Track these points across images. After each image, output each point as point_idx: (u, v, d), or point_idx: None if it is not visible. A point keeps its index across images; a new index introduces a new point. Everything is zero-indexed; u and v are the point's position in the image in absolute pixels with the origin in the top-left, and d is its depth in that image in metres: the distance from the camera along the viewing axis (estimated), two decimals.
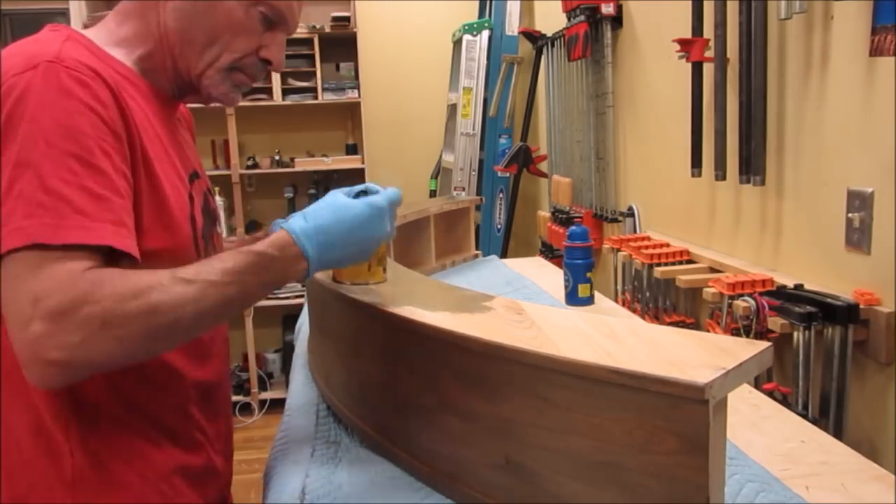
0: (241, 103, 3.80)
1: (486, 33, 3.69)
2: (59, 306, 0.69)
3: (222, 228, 1.08)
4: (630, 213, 2.49)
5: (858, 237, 1.35)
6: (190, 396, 0.95)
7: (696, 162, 1.90)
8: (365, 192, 1.04)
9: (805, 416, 1.32)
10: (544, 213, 3.28)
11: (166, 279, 0.74)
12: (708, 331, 1.64)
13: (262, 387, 3.95)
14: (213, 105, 0.99)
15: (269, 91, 3.81)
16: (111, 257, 0.76)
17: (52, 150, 0.74)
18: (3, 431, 0.86)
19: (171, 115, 0.98)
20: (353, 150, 4.08)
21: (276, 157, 3.99)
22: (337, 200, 0.88)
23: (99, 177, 0.76)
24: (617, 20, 2.51)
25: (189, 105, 1.07)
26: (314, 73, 3.83)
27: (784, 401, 1.35)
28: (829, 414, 1.34)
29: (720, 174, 1.75)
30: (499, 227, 3.74)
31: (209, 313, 0.77)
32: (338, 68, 4.04)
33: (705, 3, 1.83)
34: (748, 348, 0.66)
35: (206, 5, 0.90)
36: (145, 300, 0.72)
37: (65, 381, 0.73)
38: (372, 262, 1.01)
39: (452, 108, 3.90)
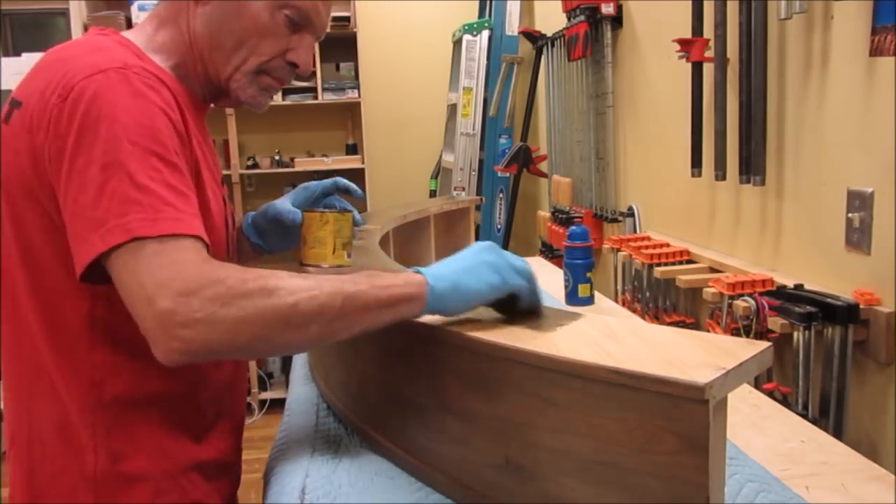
0: None
1: (486, 33, 3.69)
2: (186, 287, 0.71)
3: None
4: (630, 213, 2.49)
5: (858, 237, 1.35)
6: (208, 393, 0.97)
7: (696, 162, 1.90)
8: (334, 189, 1.11)
9: (805, 416, 1.32)
10: (544, 213, 3.28)
11: (283, 272, 0.76)
12: (708, 331, 1.64)
13: (262, 387, 3.95)
14: (245, 107, 1.00)
15: None
16: None
17: (135, 149, 0.76)
18: (29, 426, 0.89)
19: (204, 121, 1.01)
20: (353, 150, 4.08)
21: (276, 157, 3.99)
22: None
23: (177, 174, 0.79)
24: (617, 20, 2.51)
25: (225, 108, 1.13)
26: (314, 73, 3.83)
27: (784, 401, 1.35)
28: (829, 414, 1.34)
29: (720, 174, 1.75)
30: (499, 227, 3.74)
31: (326, 303, 0.74)
32: (338, 68, 4.05)
33: (705, 3, 1.83)
34: (748, 348, 0.66)
35: (233, 9, 0.92)
36: (263, 283, 0.73)
37: (189, 357, 0.73)
38: (336, 245, 1.03)
39: (452, 108, 3.90)
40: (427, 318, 0.84)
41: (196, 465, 0.94)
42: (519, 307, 0.83)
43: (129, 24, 3.43)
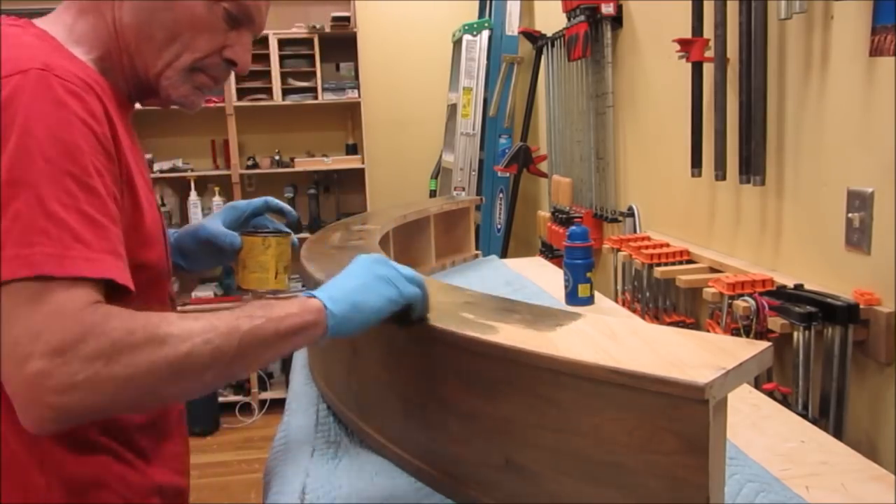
0: (241, 103, 3.82)
1: (486, 33, 3.69)
2: (63, 341, 0.62)
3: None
4: (630, 213, 2.49)
5: (858, 237, 1.35)
6: (155, 416, 0.90)
7: (696, 162, 1.90)
8: (265, 209, 1.07)
9: (805, 416, 1.32)
10: (544, 213, 3.28)
11: (173, 315, 0.69)
12: (708, 331, 1.64)
13: (262, 387, 3.95)
14: (173, 107, 0.91)
15: (269, 91, 3.81)
16: (106, 289, 0.70)
17: (50, 168, 0.67)
18: None
19: (130, 122, 0.91)
20: (353, 150, 4.08)
21: (276, 157, 3.99)
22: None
23: (95, 200, 0.70)
24: (617, 20, 2.51)
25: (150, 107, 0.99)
26: (314, 73, 3.84)
27: (784, 401, 1.35)
28: (829, 414, 1.34)
29: (720, 174, 1.75)
30: (499, 227, 3.74)
31: (222, 346, 0.69)
32: (338, 68, 4.05)
33: (705, 3, 1.83)
34: (748, 348, 0.66)
35: (164, 1, 0.83)
36: (153, 331, 0.66)
37: (64, 425, 0.65)
38: (279, 269, 1.01)
39: (452, 108, 3.90)
40: (427, 320, 0.85)
41: (156, 489, 0.87)
42: (413, 316, 0.83)
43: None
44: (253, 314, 0.72)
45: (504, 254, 3.63)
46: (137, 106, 0.94)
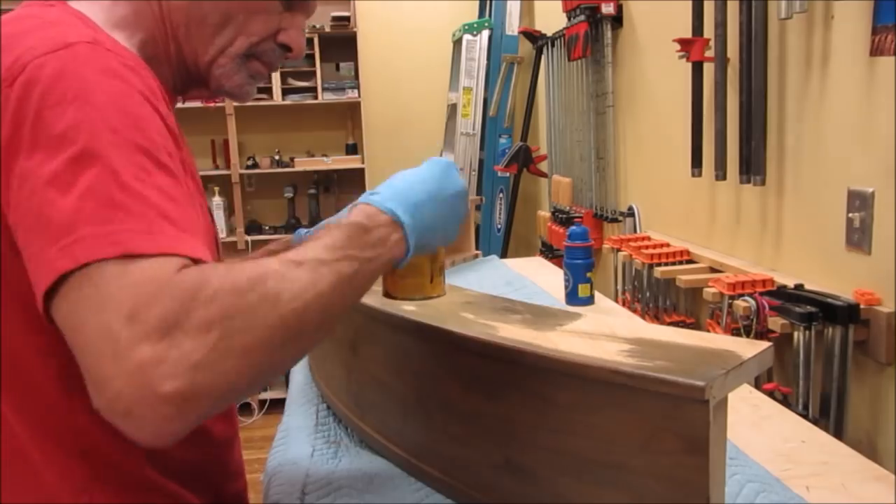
0: (241, 103, 3.82)
1: (486, 33, 3.69)
2: (165, 315, 0.52)
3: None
4: (630, 213, 2.49)
5: (859, 237, 1.35)
6: (218, 446, 0.83)
7: (697, 162, 1.90)
8: None
9: (805, 416, 1.32)
10: (544, 213, 3.28)
11: (276, 264, 0.59)
12: (708, 331, 1.64)
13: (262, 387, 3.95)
14: (225, 97, 0.84)
15: (269, 91, 3.81)
16: None
17: (118, 139, 0.58)
18: None
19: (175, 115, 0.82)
20: (353, 149, 4.08)
21: (276, 157, 3.99)
22: (403, 172, 0.76)
23: (169, 179, 0.61)
24: (617, 20, 2.51)
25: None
26: (314, 73, 3.84)
27: (784, 401, 1.35)
28: (829, 414, 1.34)
29: (720, 174, 1.75)
30: (499, 227, 3.74)
31: (330, 298, 0.60)
32: (338, 68, 4.05)
33: (705, 2, 1.82)
34: (748, 348, 0.66)
35: None
36: (263, 288, 0.56)
37: (189, 423, 0.53)
38: (434, 272, 0.85)
39: (452, 108, 3.90)
40: (427, 319, 0.84)
41: None
42: None
43: None
44: (349, 255, 0.63)
45: (504, 254, 3.63)
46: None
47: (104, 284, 0.53)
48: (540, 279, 1.98)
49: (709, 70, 1.81)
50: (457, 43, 3.85)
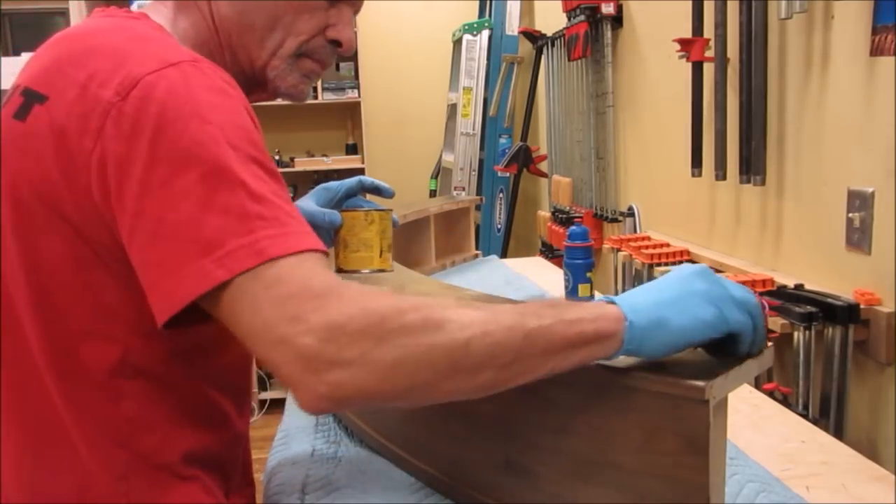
0: None
1: (486, 33, 3.69)
2: (329, 318, 0.57)
3: None
4: (630, 213, 2.49)
5: (859, 237, 1.35)
6: (239, 449, 0.87)
7: (697, 162, 1.90)
8: (359, 189, 1.00)
9: (805, 416, 1.32)
10: (544, 213, 3.28)
11: (448, 300, 0.62)
12: None
13: (262, 387, 3.94)
14: (283, 99, 0.86)
15: None
16: None
17: (238, 154, 0.63)
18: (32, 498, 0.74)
19: None
20: (353, 150, 4.08)
21: (276, 157, 3.99)
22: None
23: (277, 184, 0.66)
24: (617, 20, 2.51)
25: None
26: None
27: (784, 401, 1.35)
28: (829, 414, 1.34)
29: (720, 174, 1.75)
30: (499, 227, 3.74)
31: (501, 349, 0.59)
32: (338, 68, 4.04)
33: (705, 2, 1.82)
34: None
35: None
36: (428, 312, 0.59)
37: (338, 405, 0.62)
38: (383, 247, 0.93)
39: (452, 108, 3.90)
40: None
41: None
42: (738, 350, 0.64)
43: None
44: (540, 312, 0.61)
45: (504, 254, 3.63)
46: None
47: (261, 289, 0.59)
48: (540, 279, 1.98)
49: (709, 70, 1.81)
50: (457, 43, 3.85)
